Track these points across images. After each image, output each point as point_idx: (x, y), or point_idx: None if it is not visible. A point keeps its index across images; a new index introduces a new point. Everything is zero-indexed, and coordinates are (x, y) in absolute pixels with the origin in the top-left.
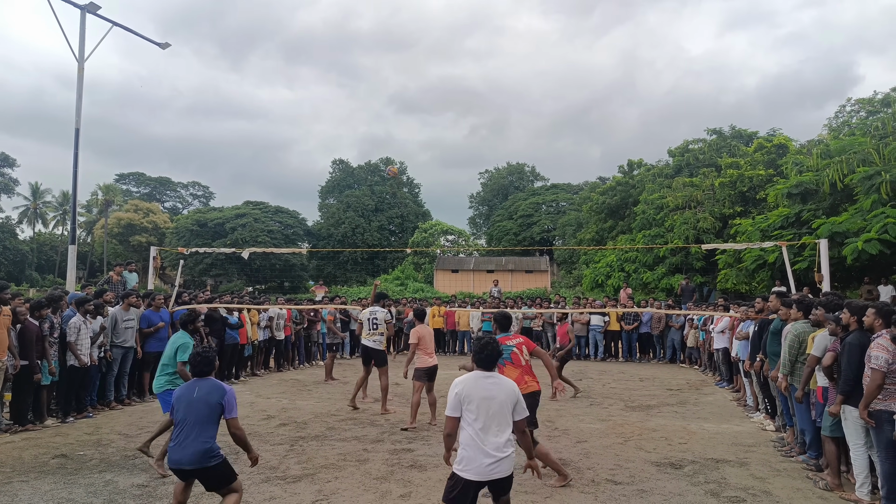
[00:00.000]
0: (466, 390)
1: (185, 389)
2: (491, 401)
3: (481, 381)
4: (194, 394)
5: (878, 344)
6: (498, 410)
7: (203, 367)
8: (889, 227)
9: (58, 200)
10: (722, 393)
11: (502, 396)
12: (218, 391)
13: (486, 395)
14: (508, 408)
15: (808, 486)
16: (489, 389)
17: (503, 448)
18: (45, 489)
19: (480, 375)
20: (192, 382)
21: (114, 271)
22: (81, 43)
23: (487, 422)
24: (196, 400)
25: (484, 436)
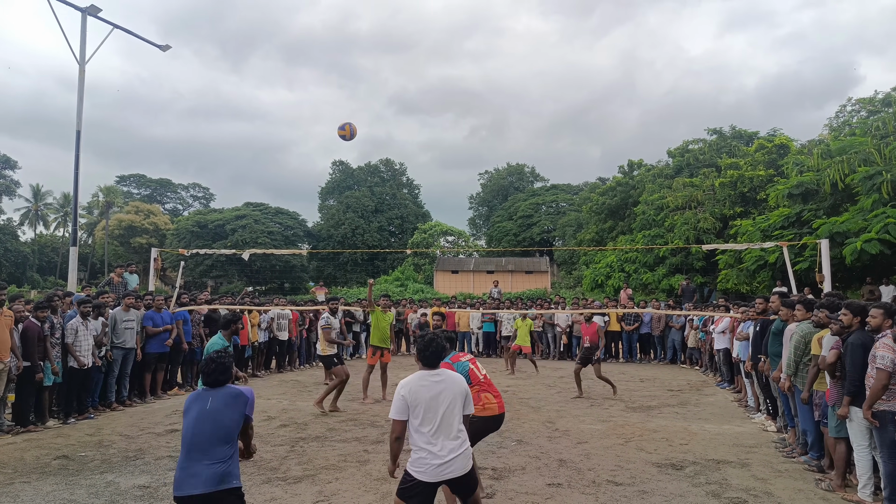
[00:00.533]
0: (413, 393)
1: (196, 401)
2: (440, 402)
3: (427, 381)
4: (207, 405)
5: (884, 343)
6: (448, 411)
7: (218, 375)
8: (890, 227)
9: (59, 202)
10: (723, 394)
11: (451, 394)
12: (239, 400)
13: (433, 394)
14: (459, 405)
15: (810, 486)
16: (435, 388)
17: (457, 448)
18: (47, 490)
19: (426, 374)
20: (205, 393)
21: (115, 273)
22: (82, 45)
23: (438, 424)
24: (211, 412)
25: (435, 439)
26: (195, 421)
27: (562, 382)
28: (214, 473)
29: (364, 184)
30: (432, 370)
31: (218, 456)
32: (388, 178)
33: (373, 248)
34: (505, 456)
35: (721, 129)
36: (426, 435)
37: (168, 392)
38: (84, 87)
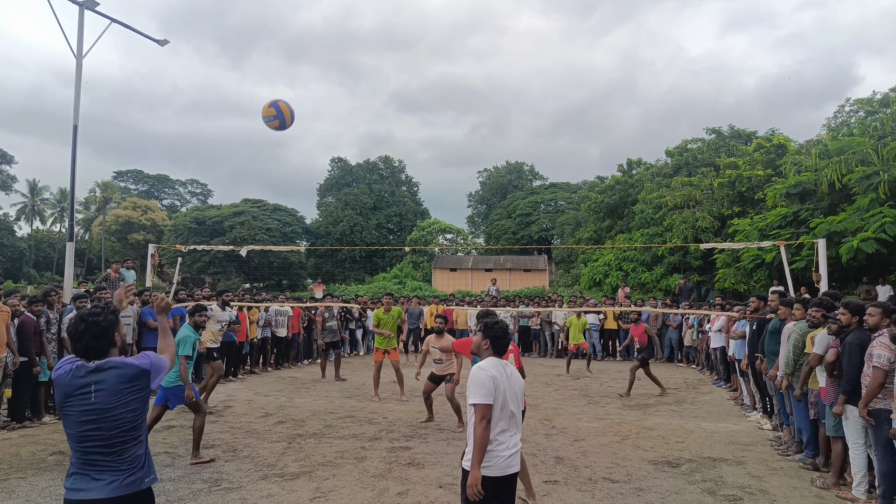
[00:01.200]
0: (497, 378)
1: (68, 381)
2: (512, 390)
3: (502, 369)
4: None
5: (881, 342)
6: (516, 402)
7: (90, 340)
8: (886, 226)
9: (56, 197)
10: (719, 392)
11: (518, 385)
12: (132, 369)
13: (508, 383)
14: (521, 397)
15: (805, 484)
16: (510, 377)
17: (517, 443)
18: (43, 486)
19: (500, 363)
20: (80, 367)
21: (111, 269)
22: (80, 39)
23: (510, 414)
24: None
25: (505, 430)
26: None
27: (559, 380)
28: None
29: (363, 181)
30: (502, 359)
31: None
32: (387, 176)
33: (371, 246)
34: None
35: (720, 128)
36: (497, 426)
37: None
38: (81, 82)
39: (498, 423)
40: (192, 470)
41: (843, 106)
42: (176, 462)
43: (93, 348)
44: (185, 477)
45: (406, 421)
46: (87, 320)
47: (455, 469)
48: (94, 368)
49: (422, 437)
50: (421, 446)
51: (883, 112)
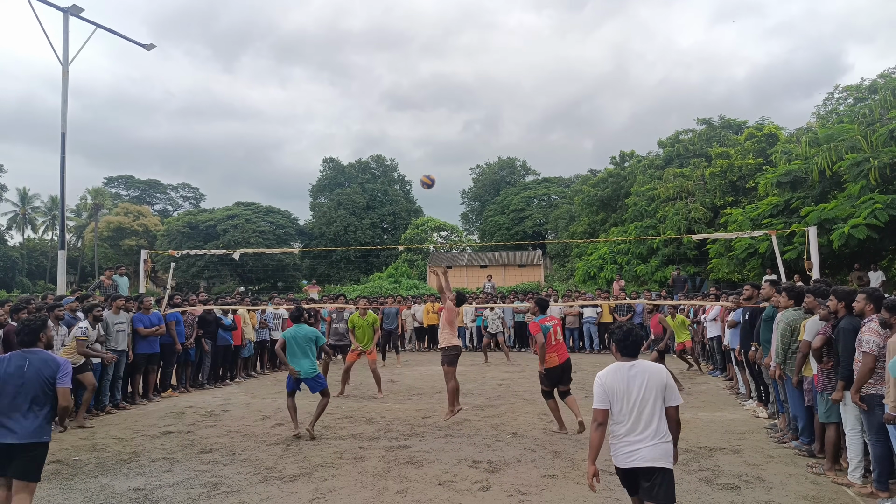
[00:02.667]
0: (610, 382)
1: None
2: (632, 390)
3: (623, 371)
4: (25, 367)
5: (869, 328)
6: (643, 399)
7: (24, 336)
8: (877, 212)
9: (47, 206)
10: (715, 381)
11: (647, 384)
12: (51, 364)
13: (627, 384)
14: (658, 394)
15: (801, 471)
16: (630, 378)
17: (648, 438)
18: (41, 495)
19: (622, 365)
20: (21, 354)
21: (105, 275)
22: (65, 46)
23: (634, 412)
24: (27, 373)
25: (631, 427)
26: (12, 379)
27: None
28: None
29: (355, 181)
30: (630, 360)
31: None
32: (380, 175)
33: (365, 246)
34: (500, 449)
35: (710, 119)
36: (623, 424)
37: (162, 394)
38: (68, 89)
39: (617, 420)
40: (190, 475)
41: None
42: (174, 468)
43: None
44: (184, 482)
45: (404, 420)
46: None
47: (454, 466)
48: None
49: (420, 436)
50: (419, 444)
51: (871, 98)
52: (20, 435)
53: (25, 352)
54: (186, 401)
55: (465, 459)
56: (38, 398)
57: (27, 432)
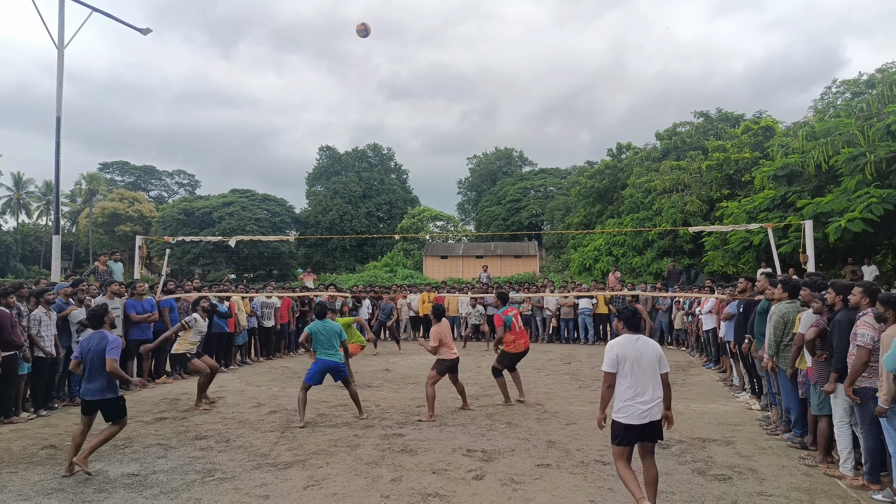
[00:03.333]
0: (622, 351)
1: (85, 340)
2: (640, 360)
3: (632, 343)
4: (92, 344)
5: (864, 322)
6: (648, 367)
7: (93, 320)
8: (873, 207)
9: (41, 190)
10: (708, 374)
11: (649, 355)
12: (103, 341)
13: (636, 355)
14: (655, 364)
15: (793, 463)
16: (639, 350)
17: (651, 400)
18: (35, 480)
19: (631, 337)
20: (93, 334)
21: (99, 261)
22: (60, 29)
23: (639, 378)
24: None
25: (637, 391)
26: (88, 352)
27: (550, 365)
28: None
29: (351, 169)
30: (636, 334)
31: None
32: (376, 164)
33: (361, 234)
34: (495, 438)
35: (708, 112)
36: (630, 388)
37: (156, 380)
38: (63, 73)
39: (627, 386)
40: (185, 461)
41: (830, 87)
42: (168, 454)
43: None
44: (179, 468)
45: (399, 408)
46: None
47: (448, 455)
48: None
49: (414, 424)
50: (414, 433)
51: (869, 93)
52: (92, 392)
53: (95, 332)
54: (181, 387)
55: (459, 448)
56: (99, 367)
57: (93, 392)
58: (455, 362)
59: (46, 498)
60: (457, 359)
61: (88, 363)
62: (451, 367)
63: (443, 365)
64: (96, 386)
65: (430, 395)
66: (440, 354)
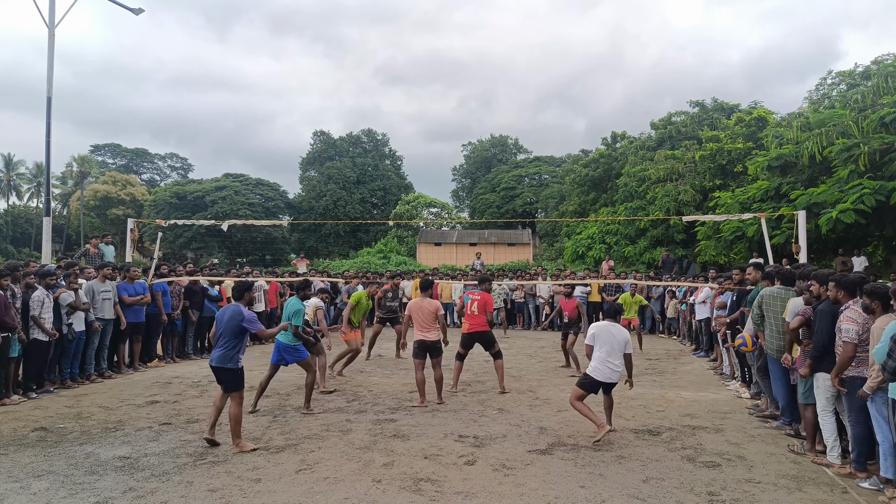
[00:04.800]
0: (598, 332)
1: (221, 312)
2: (612, 338)
3: (608, 327)
4: (225, 316)
5: (847, 316)
6: (615, 344)
7: (235, 292)
8: (865, 198)
9: (32, 172)
10: (699, 362)
11: (618, 338)
12: (238, 316)
13: (608, 335)
14: (621, 344)
15: (782, 450)
16: (611, 332)
17: (616, 366)
18: (25, 462)
19: (608, 324)
20: (228, 306)
21: (90, 244)
22: (52, 9)
23: (609, 350)
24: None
25: (607, 357)
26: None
27: (542, 352)
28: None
29: (346, 154)
30: (612, 322)
31: (232, 344)
32: (371, 149)
33: (355, 220)
34: (486, 424)
35: (703, 101)
36: (602, 355)
37: (148, 364)
38: (54, 53)
39: (598, 352)
40: (176, 444)
41: (826, 78)
42: (160, 437)
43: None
44: (170, 451)
45: (391, 393)
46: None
47: (440, 440)
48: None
49: (407, 410)
50: (406, 418)
51: (864, 85)
52: (214, 360)
53: (230, 305)
54: (172, 371)
55: (451, 434)
56: (228, 338)
57: (216, 358)
58: (424, 345)
59: (37, 480)
60: (428, 342)
61: (219, 332)
62: (420, 347)
63: (414, 347)
64: (219, 354)
65: (418, 380)
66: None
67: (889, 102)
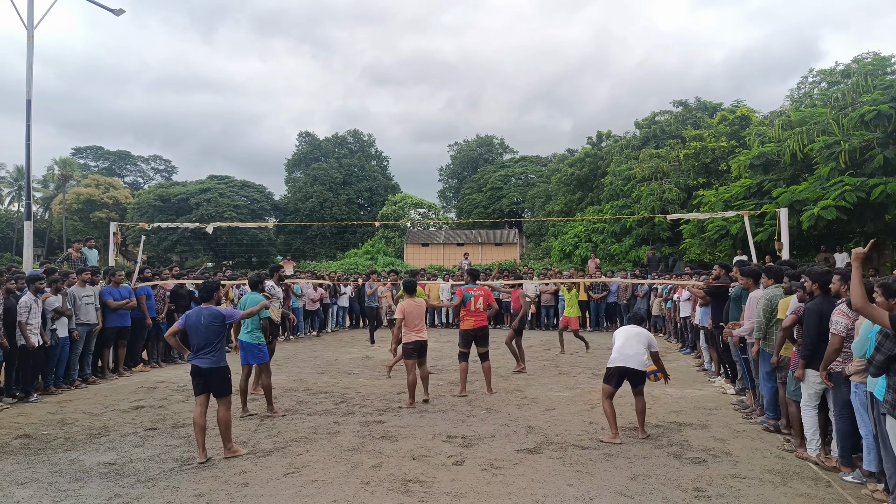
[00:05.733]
0: (619, 331)
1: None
2: (629, 336)
3: (627, 329)
4: (202, 321)
5: (839, 310)
6: (633, 340)
7: (202, 293)
8: (846, 194)
9: (12, 176)
10: (685, 359)
11: (638, 336)
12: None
13: (627, 333)
14: (644, 341)
15: (767, 446)
16: (629, 332)
17: (634, 357)
18: (8, 469)
19: (630, 327)
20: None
21: (73, 248)
22: (30, 9)
23: (624, 341)
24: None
25: (621, 348)
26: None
27: (530, 351)
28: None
29: (331, 155)
30: (635, 326)
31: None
32: (357, 150)
33: (342, 221)
34: (475, 424)
35: (687, 101)
36: (618, 346)
37: (133, 369)
38: (33, 54)
39: (617, 345)
40: (162, 449)
41: (807, 77)
42: (146, 442)
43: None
44: (156, 456)
45: (379, 395)
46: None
47: (428, 441)
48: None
49: (395, 411)
50: (394, 420)
51: (844, 83)
52: (206, 364)
53: (201, 308)
54: (158, 375)
55: (439, 434)
56: (212, 340)
57: (208, 362)
58: (418, 345)
59: (20, 488)
60: (419, 342)
61: (201, 339)
62: (414, 349)
63: (405, 348)
64: (209, 358)
65: (410, 382)
66: (404, 337)
67: (869, 100)
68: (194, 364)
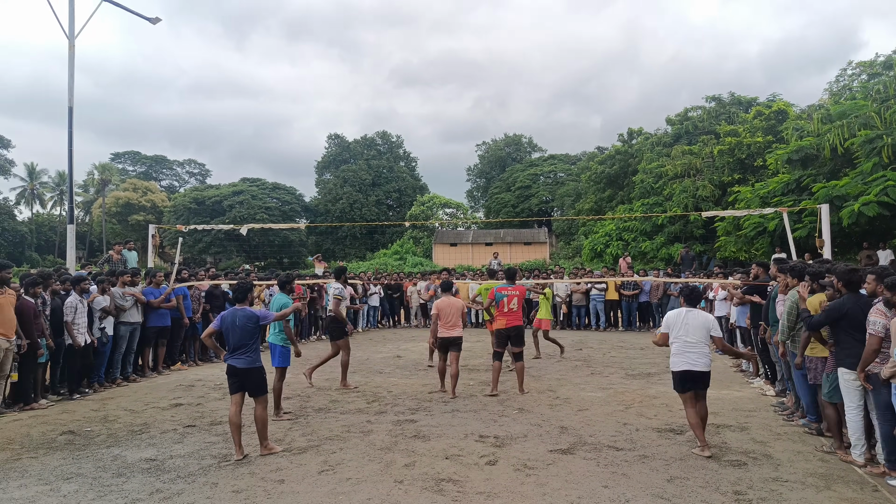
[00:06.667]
0: (671, 320)
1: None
2: (687, 325)
3: (683, 314)
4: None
5: (877, 309)
6: (691, 331)
7: (237, 294)
8: (889, 190)
9: (55, 181)
10: (721, 360)
11: (697, 323)
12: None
13: (682, 321)
14: (705, 329)
15: (809, 448)
16: (687, 319)
17: (695, 355)
18: (54, 465)
19: (684, 310)
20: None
21: (114, 250)
22: (71, 20)
23: (685, 338)
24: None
25: (682, 347)
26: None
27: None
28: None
29: (360, 157)
30: (690, 308)
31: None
32: (385, 151)
33: (371, 222)
34: (507, 424)
35: (720, 95)
36: (678, 344)
37: (171, 367)
38: (74, 64)
39: (676, 344)
40: (201, 446)
41: (846, 69)
42: (185, 439)
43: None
44: (195, 453)
45: (410, 394)
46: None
47: (460, 440)
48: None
49: (427, 410)
50: (426, 419)
51: (886, 74)
52: (242, 364)
53: (235, 309)
54: (195, 374)
55: (471, 434)
56: (247, 340)
57: (244, 363)
58: (448, 341)
59: (66, 482)
60: (451, 338)
61: (236, 339)
62: (444, 344)
63: (442, 343)
64: (245, 359)
65: (440, 369)
66: (438, 332)
67: None
68: (230, 364)
